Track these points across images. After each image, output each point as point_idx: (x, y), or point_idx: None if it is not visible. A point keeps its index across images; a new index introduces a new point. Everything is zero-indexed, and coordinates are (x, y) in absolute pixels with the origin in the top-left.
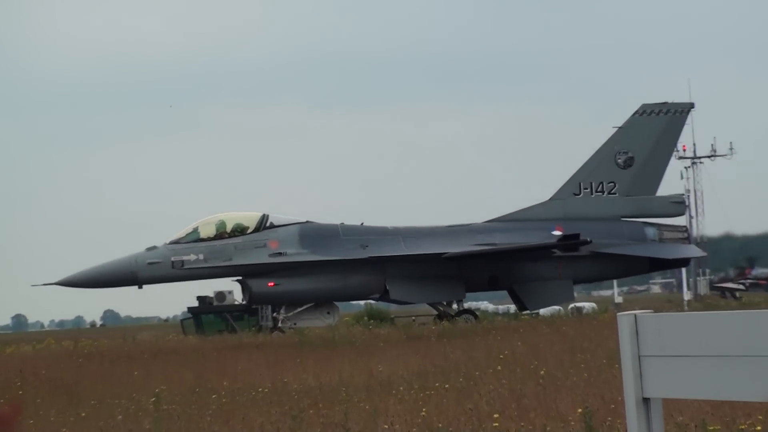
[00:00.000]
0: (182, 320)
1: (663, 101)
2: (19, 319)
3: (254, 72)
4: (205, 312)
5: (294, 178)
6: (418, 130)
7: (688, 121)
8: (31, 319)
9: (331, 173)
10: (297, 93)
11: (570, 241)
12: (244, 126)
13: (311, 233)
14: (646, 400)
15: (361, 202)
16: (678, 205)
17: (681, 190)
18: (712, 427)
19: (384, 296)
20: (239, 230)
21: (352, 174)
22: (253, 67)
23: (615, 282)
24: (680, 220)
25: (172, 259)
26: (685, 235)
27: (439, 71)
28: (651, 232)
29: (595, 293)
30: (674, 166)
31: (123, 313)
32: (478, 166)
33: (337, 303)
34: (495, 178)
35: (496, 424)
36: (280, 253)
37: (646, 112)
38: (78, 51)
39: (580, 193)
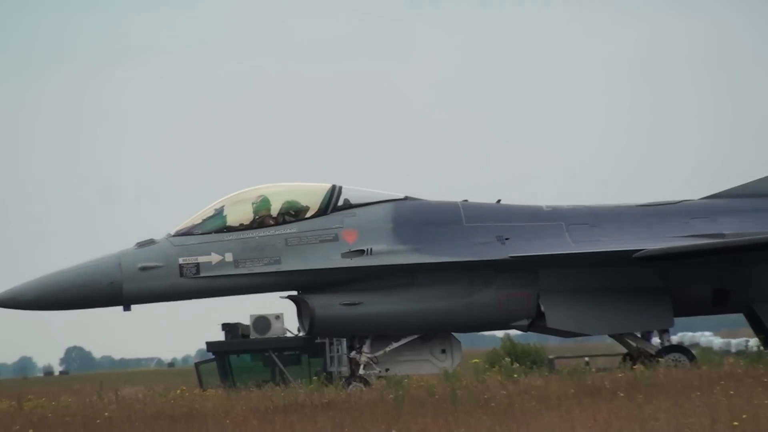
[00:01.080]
0: (198, 364)
1: None
2: None
3: None
4: (237, 351)
5: (380, 124)
6: (577, 46)
7: None
8: None
9: (437, 116)
10: None
11: None
12: (300, 42)
13: (413, 217)
14: None
15: (492, 163)
16: None
17: None
18: None
19: (536, 323)
20: (293, 212)
21: (475, 116)
22: None
23: None
24: None
25: (181, 261)
26: None
27: None
28: None
29: None
30: None
31: (98, 353)
32: (680, 104)
33: (457, 335)
34: (710, 123)
35: None
36: (361, 251)
37: None
38: None
39: None
